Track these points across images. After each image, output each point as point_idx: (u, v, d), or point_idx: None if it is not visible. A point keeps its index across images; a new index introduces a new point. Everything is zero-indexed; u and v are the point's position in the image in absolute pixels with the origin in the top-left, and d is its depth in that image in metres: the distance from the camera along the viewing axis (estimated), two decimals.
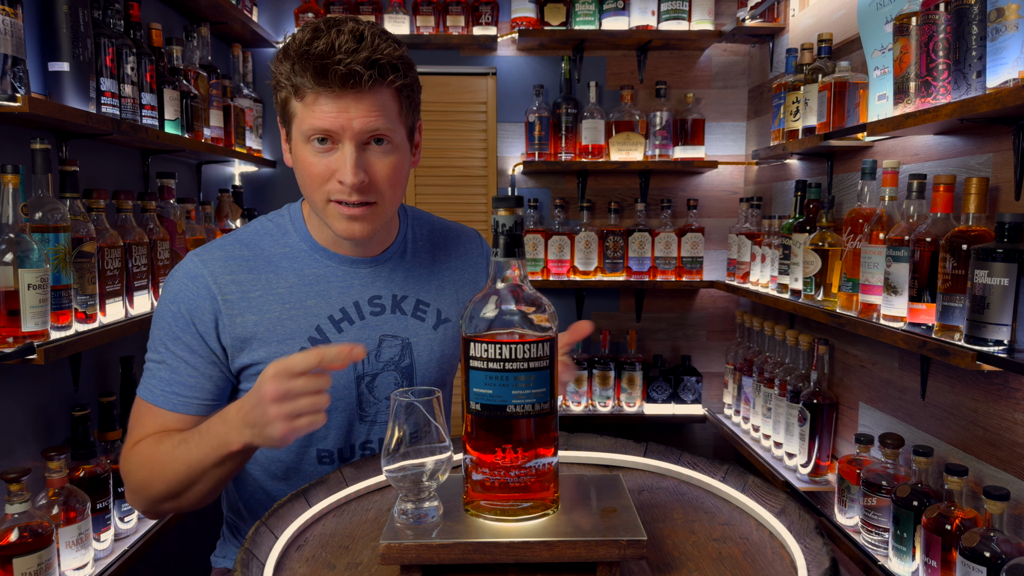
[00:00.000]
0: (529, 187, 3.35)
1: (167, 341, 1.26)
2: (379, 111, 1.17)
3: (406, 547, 0.85)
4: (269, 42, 3.15)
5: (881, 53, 1.91)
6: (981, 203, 1.52)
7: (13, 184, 1.43)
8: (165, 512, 1.25)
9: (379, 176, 1.20)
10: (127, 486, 1.24)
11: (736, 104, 3.33)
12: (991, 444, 1.66)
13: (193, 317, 1.25)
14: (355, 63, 1.11)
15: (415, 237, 1.43)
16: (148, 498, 1.21)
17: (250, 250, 1.31)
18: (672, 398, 3.22)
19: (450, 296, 1.42)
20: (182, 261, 1.30)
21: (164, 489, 1.18)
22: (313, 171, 1.20)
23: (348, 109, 1.15)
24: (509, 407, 0.88)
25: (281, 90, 1.20)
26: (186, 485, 1.16)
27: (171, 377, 1.24)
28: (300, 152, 1.21)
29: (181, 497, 1.18)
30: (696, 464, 1.19)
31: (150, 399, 1.25)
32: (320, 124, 1.16)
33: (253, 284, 1.28)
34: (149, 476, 1.19)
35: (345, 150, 1.17)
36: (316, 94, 1.15)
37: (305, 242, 1.33)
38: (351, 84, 1.13)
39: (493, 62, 3.29)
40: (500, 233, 0.90)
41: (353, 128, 1.16)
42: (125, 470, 1.24)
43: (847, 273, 1.96)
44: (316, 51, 1.12)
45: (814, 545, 0.92)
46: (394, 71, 1.17)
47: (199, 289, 1.26)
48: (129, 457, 1.23)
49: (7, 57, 1.43)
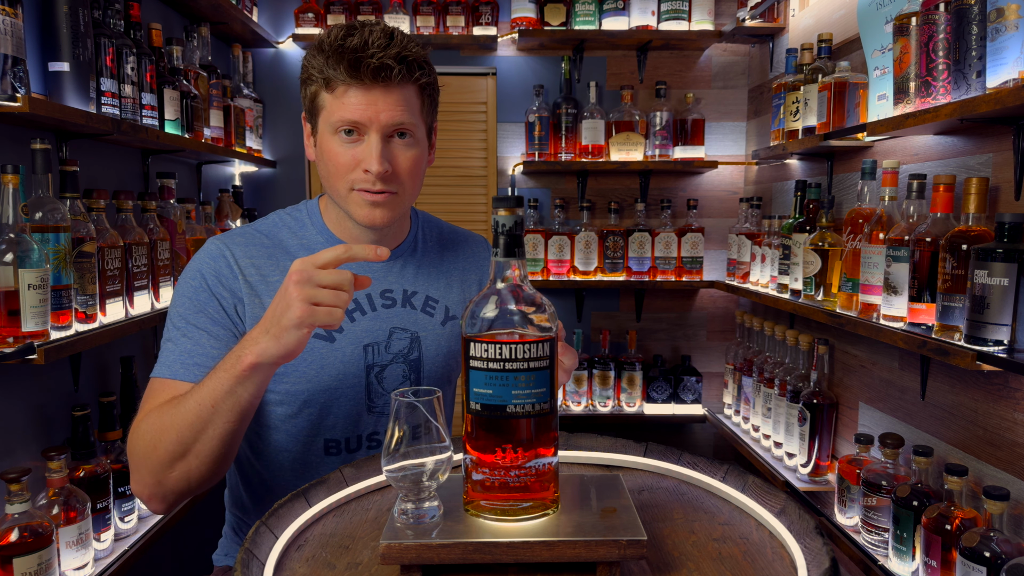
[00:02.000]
0: (529, 187, 3.35)
1: (188, 315, 1.25)
2: (404, 105, 1.23)
3: (406, 547, 0.85)
4: (269, 42, 3.15)
5: (881, 53, 1.91)
6: (981, 203, 1.52)
7: (13, 184, 1.43)
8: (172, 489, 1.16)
9: (401, 168, 1.26)
10: (133, 463, 1.18)
11: (736, 104, 3.33)
12: (991, 444, 1.66)
13: (216, 291, 1.27)
14: (387, 57, 1.19)
15: (425, 237, 1.47)
16: (155, 464, 1.14)
17: (269, 239, 1.35)
18: (672, 398, 3.22)
19: (457, 295, 1.45)
20: (203, 246, 1.32)
21: (174, 442, 1.11)
22: (339, 160, 1.24)
23: (376, 102, 1.21)
24: (509, 407, 0.88)
25: (312, 84, 1.25)
26: (197, 430, 1.11)
27: (192, 349, 1.23)
28: (327, 143, 1.26)
29: (190, 454, 1.12)
30: (696, 464, 1.19)
31: (168, 374, 1.22)
32: (349, 116, 1.21)
33: (272, 270, 1.31)
34: (158, 432, 1.13)
35: (371, 140, 1.22)
36: (347, 86, 1.21)
37: (322, 235, 1.37)
38: (382, 77, 1.19)
39: (493, 62, 3.29)
40: (500, 233, 0.90)
41: (380, 120, 1.21)
42: (132, 442, 1.18)
43: (847, 273, 1.96)
44: (351, 46, 1.18)
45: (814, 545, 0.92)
46: (420, 69, 1.24)
47: (222, 268, 1.28)
48: (138, 427, 1.18)
49: (7, 57, 1.43)
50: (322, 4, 3.10)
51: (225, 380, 1.09)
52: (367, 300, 1.36)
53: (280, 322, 1.04)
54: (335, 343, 1.31)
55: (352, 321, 1.34)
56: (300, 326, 1.03)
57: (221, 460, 1.15)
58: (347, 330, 1.33)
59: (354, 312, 1.34)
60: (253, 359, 1.07)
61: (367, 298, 1.36)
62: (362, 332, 1.34)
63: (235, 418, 1.12)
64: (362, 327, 1.34)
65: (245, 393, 1.10)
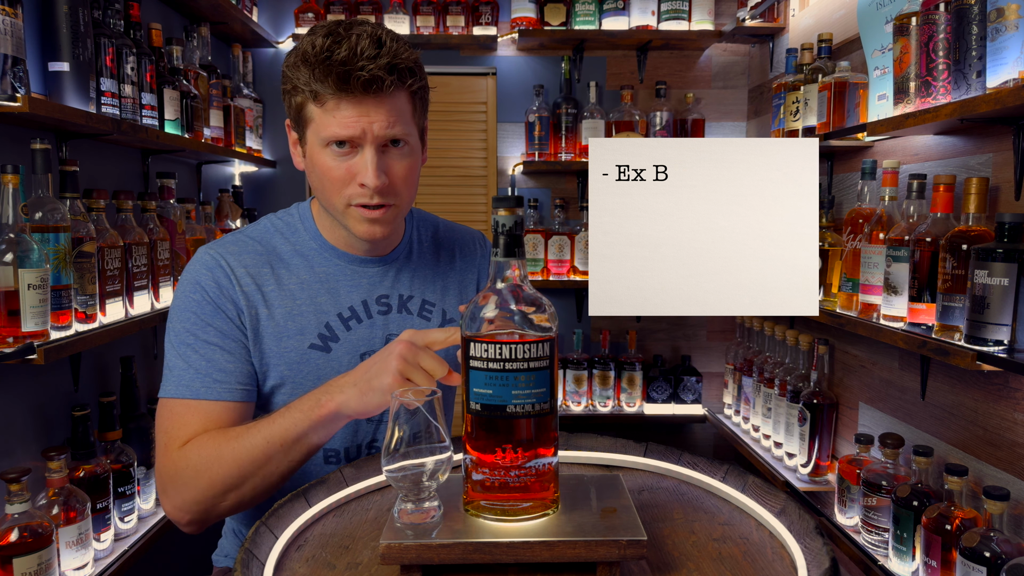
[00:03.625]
0: (529, 187, 3.35)
1: (195, 331, 1.22)
2: (397, 115, 1.18)
3: (406, 547, 0.85)
4: (269, 42, 3.15)
5: (881, 53, 1.91)
6: (981, 203, 1.52)
7: (13, 184, 1.43)
8: (217, 514, 1.16)
9: (397, 178, 1.22)
10: (174, 486, 1.15)
11: (736, 104, 3.33)
12: (991, 444, 1.66)
13: (219, 302, 1.24)
14: (377, 68, 1.13)
15: (420, 238, 1.44)
16: (205, 491, 1.12)
17: (262, 246, 1.32)
18: (672, 398, 3.22)
19: (454, 297, 1.43)
20: (194, 257, 1.29)
21: (232, 474, 1.11)
22: (333, 175, 1.20)
23: (369, 114, 1.16)
24: (509, 407, 0.88)
25: (297, 95, 1.19)
26: (259, 465, 1.11)
27: (207, 366, 1.20)
28: (318, 157, 1.21)
29: (246, 485, 1.12)
30: (696, 464, 1.19)
31: (187, 395, 1.19)
32: (342, 132, 1.16)
33: (266, 279, 1.29)
34: (213, 461, 1.11)
35: (366, 154, 1.18)
36: (337, 100, 1.15)
37: (315, 240, 1.34)
38: (373, 90, 1.14)
39: (493, 62, 3.29)
40: (500, 233, 0.90)
41: (374, 132, 1.17)
42: (174, 470, 1.15)
43: (847, 273, 1.96)
44: (338, 58, 1.12)
45: (814, 545, 0.92)
46: (411, 75, 1.19)
47: (220, 278, 1.25)
48: (180, 456, 1.14)
49: (7, 57, 1.43)
50: (322, 4, 3.10)
51: (300, 422, 1.10)
52: (363, 307, 1.33)
53: (371, 382, 1.07)
54: (331, 353, 1.30)
55: (348, 330, 1.31)
56: (386, 393, 1.06)
57: (275, 489, 1.17)
58: (343, 339, 1.31)
59: (350, 320, 1.32)
60: (334, 408, 1.09)
61: (363, 305, 1.33)
62: (358, 340, 1.32)
63: (301, 458, 1.14)
64: (358, 335, 1.32)
65: (316, 438, 1.13)
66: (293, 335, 1.27)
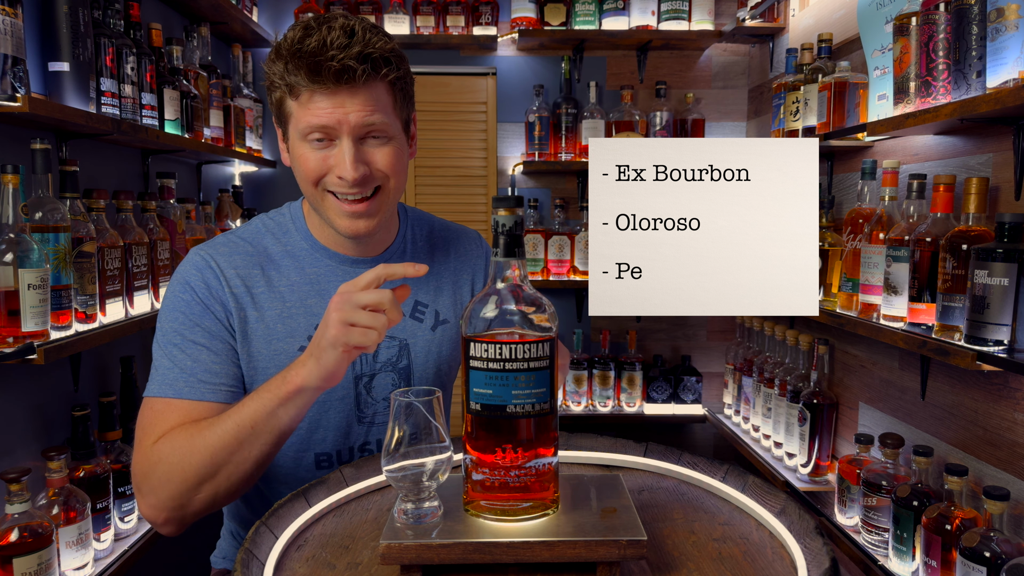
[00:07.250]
0: (529, 187, 3.35)
1: (183, 331, 1.22)
2: (374, 105, 1.17)
3: (406, 547, 0.85)
4: (269, 42, 3.15)
5: (881, 53, 1.91)
6: (981, 203, 1.52)
7: (13, 184, 1.43)
8: (194, 511, 1.14)
9: (379, 166, 1.21)
10: (147, 486, 1.13)
11: (736, 104, 3.33)
12: (991, 444, 1.66)
13: (208, 303, 1.24)
14: (348, 58, 1.12)
15: (414, 238, 1.43)
16: (180, 486, 1.10)
17: (253, 247, 1.31)
18: (672, 398, 3.22)
19: (448, 297, 1.42)
20: (185, 258, 1.29)
21: (205, 464, 1.09)
22: (310, 166, 1.20)
23: (344, 104, 1.15)
24: (509, 407, 0.88)
25: (275, 90, 1.19)
26: (232, 451, 1.09)
27: (192, 366, 1.20)
28: (298, 150, 1.21)
29: (220, 474, 1.10)
30: (696, 464, 1.19)
31: (171, 394, 1.18)
32: (316, 121, 1.16)
33: (256, 281, 1.28)
34: (186, 454, 1.10)
35: (343, 145, 1.17)
36: (311, 92, 1.15)
37: (306, 240, 1.33)
38: (345, 79, 1.13)
39: (493, 62, 3.29)
40: (500, 233, 0.90)
41: (349, 122, 1.16)
42: (147, 466, 1.13)
43: (847, 273, 1.96)
44: (308, 49, 1.12)
45: (814, 545, 0.92)
46: (387, 64, 1.17)
47: (209, 279, 1.25)
48: (155, 450, 1.13)
49: (7, 57, 1.43)
50: (322, 4, 3.10)
51: (268, 401, 1.09)
52: None
53: (320, 344, 1.06)
54: None
55: None
56: (335, 345, 1.04)
57: (249, 480, 1.15)
58: None
59: None
60: (299, 382, 1.08)
61: None
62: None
63: (273, 440, 1.12)
64: None
65: (286, 416, 1.11)
66: (283, 337, 1.27)
